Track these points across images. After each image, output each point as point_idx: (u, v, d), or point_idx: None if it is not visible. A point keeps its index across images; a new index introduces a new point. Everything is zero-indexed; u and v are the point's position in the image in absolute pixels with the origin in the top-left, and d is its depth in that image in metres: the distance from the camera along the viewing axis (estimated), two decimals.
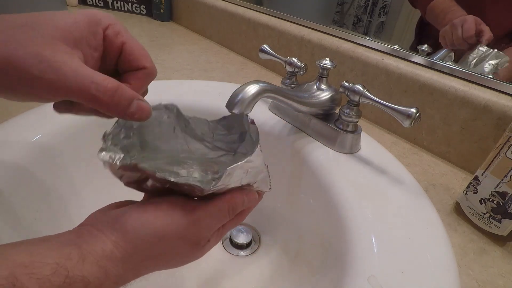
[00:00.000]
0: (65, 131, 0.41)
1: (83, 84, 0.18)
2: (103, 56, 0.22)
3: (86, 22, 0.20)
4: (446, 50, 0.48)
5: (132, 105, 0.20)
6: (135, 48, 0.22)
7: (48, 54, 0.17)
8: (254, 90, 0.31)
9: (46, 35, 0.18)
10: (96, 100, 0.18)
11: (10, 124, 0.38)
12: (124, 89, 0.19)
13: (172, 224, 0.21)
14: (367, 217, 0.31)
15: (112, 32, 0.21)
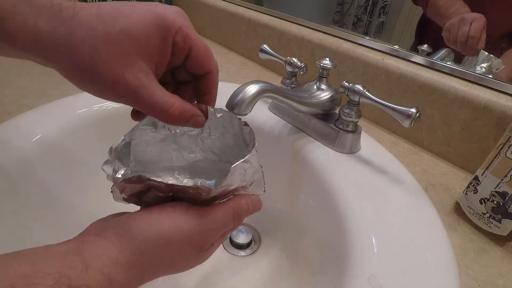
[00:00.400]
0: (65, 131, 0.41)
1: (155, 108, 0.21)
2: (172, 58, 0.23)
3: (157, 32, 0.21)
4: (446, 50, 0.48)
5: (190, 122, 0.23)
6: (201, 53, 0.23)
7: (130, 78, 0.20)
8: (254, 90, 0.31)
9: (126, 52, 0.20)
10: (163, 119, 0.22)
11: (10, 124, 0.39)
12: (185, 111, 0.22)
13: (178, 228, 0.21)
14: (367, 217, 0.31)
15: (181, 38, 0.22)
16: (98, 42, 0.19)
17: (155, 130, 0.27)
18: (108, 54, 0.19)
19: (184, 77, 0.26)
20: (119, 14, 0.20)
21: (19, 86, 0.50)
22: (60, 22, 0.19)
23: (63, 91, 0.50)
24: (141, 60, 0.20)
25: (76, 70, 0.20)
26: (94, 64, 0.19)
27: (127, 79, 0.20)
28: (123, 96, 0.21)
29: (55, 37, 0.19)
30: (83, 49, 0.19)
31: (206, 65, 0.24)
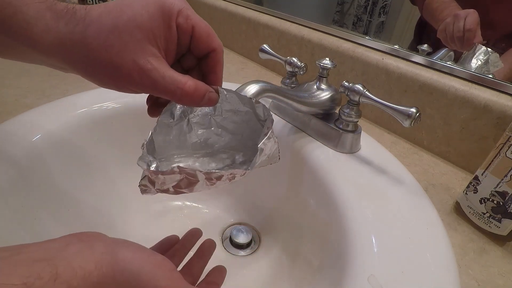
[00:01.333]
0: (65, 131, 0.41)
1: (170, 88, 0.22)
2: (178, 42, 0.24)
3: (160, 15, 0.22)
4: (446, 49, 0.48)
5: (205, 98, 0.23)
6: (203, 31, 0.24)
7: (142, 62, 0.21)
8: (254, 90, 0.31)
9: (135, 39, 0.21)
10: (179, 99, 0.23)
11: (10, 124, 0.39)
12: (199, 88, 0.23)
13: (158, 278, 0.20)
14: (367, 217, 0.31)
15: (183, 19, 0.23)
16: (108, 35, 0.20)
17: (173, 119, 0.28)
18: (119, 44, 0.21)
19: (190, 63, 0.26)
20: (123, 6, 0.21)
21: (19, 86, 0.50)
22: (75, 23, 0.21)
23: (63, 91, 0.50)
24: (149, 45, 0.21)
25: (94, 66, 0.21)
26: (108, 57, 0.21)
27: (140, 65, 0.21)
28: (139, 82, 0.22)
29: (72, 38, 0.21)
30: (97, 44, 0.20)
31: (209, 42, 0.24)
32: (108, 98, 0.46)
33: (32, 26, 0.20)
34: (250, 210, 0.49)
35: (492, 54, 0.44)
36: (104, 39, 0.21)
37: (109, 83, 0.22)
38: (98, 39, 0.21)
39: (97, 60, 0.21)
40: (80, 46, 0.21)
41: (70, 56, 0.21)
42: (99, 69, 0.21)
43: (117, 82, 0.22)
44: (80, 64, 0.22)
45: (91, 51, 0.21)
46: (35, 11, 0.20)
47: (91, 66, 0.21)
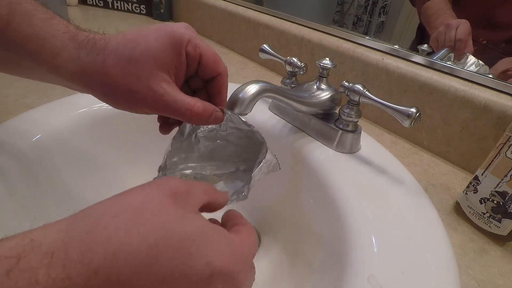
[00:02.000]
0: (65, 131, 0.41)
1: (180, 110, 0.24)
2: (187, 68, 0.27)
3: (171, 46, 0.24)
4: (446, 50, 0.48)
5: (212, 117, 0.26)
6: (210, 58, 0.27)
7: (155, 88, 0.24)
8: (254, 90, 0.31)
9: (149, 68, 0.24)
10: (189, 119, 0.25)
11: (10, 124, 0.38)
12: (207, 109, 0.26)
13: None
14: (367, 217, 0.31)
15: (191, 48, 0.25)
16: (126, 64, 0.23)
17: (183, 137, 0.30)
18: (136, 72, 0.23)
19: (198, 84, 0.29)
20: (138, 37, 0.24)
21: (19, 86, 0.50)
22: (96, 53, 0.23)
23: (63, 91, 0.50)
24: (162, 72, 0.24)
25: (112, 91, 0.24)
26: (126, 83, 0.23)
27: (154, 90, 0.24)
28: (153, 105, 0.24)
29: (93, 66, 0.23)
30: (116, 72, 0.23)
31: (216, 67, 0.27)
32: None
33: (58, 55, 0.23)
34: (250, 210, 0.49)
35: (482, 67, 0.44)
36: (122, 68, 0.23)
37: (125, 105, 0.25)
38: (116, 68, 0.23)
39: (115, 86, 0.24)
40: (100, 73, 0.23)
41: (91, 82, 0.24)
42: (117, 94, 0.24)
43: (133, 105, 0.25)
44: (99, 89, 0.24)
45: (110, 79, 0.23)
46: (61, 42, 0.23)
47: (110, 91, 0.24)
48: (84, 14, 0.98)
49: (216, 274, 0.17)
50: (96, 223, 0.16)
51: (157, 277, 0.16)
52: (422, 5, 0.52)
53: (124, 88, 0.24)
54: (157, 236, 0.16)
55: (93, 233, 0.15)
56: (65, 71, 0.24)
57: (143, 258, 0.15)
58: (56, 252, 0.14)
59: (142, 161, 0.48)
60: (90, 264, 0.14)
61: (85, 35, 0.24)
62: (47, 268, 0.14)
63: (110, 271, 0.15)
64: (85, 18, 0.94)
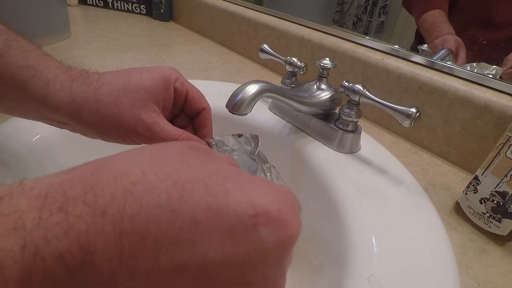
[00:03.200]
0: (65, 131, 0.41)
1: (167, 139, 0.25)
2: (173, 103, 0.28)
3: (161, 81, 0.26)
4: (446, 49, 0.48)
5: None
6: (196, 93, 0.29)
7: (145, 117, 0.25)
8: (254, 90, 0.31)
9: (141, 98, 0.25)
10: None
11: (10, 124, 0.38)
12: (191, 139, 0.26)
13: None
14: (367, 217, 0.31)
15: (179, 84, 0.28)
16: (120, 93, 0.24)
17: None
18: (128, 101, 0.24)
19: (182, 122, 0.30)
20: (132, 72, 0.26)
21: None
22: (89, 84, 0.24)
23: None
24: (152, 103, 0.26)
25: (103, 120, 0.24)
26: (117, 111, 0.24)
27: (144, 119, 0.25)
28: (142, 134, 0.25)
29: (85, 95, 0.24)
30: (108, 100, 0.24)
31: (201, 103, 0.29)
32: None
33: (49, 85, 0.24)
34: None
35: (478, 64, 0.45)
36: (116, 97, 0.24)
37: (114, 135, 0.25)
38: (109, 96, 0.24)
39: (106, 113, 0.24)
40: (91, 101, 0.24)
41: (79, 111, 0.24)
42: (107, 122, 0.24)
43: (123, 133, 0.25)
44: (88, 118, 0.24)
45: (102, 106, 0.24)
46: (54, 75, 0.24)
47: (100, 120, 0.24)
48: (84, 14, 0.98)
49: (261, 215, 0.13)
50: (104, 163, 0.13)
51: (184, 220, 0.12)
52: (420, 17, 0.52)
53: (115, 116, 0.24)
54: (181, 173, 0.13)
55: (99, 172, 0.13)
56: (53, 100, 0.24)
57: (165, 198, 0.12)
58: (51, 194, 0.11)
59: None
60: (94, 204, 0.11)
61: (78, 70, 0.25)
62: (38, 211, 0.11)
63: (121, 213, 0.11)
64: (85, 18, 0.94)
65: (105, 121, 0.24)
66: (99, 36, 0.78)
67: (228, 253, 0.13)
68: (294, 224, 0.15)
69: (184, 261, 0.12)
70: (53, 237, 0.10)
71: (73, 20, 0.84)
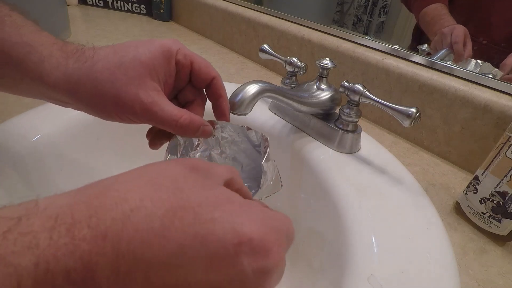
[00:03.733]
0: (65, 131, 0.41)
1: (167, 120, 0.24)
2: (177, 77, 0.27)
3: (161, 54, 0.24)
4: (446, 50, 0.48)
5: (199, 131, 0.25)
6: (202, 63, 0.27)
7: (143, 96, 0.23)
8: (254, 90, 0.31)
9: (138, 74, 0.23)
10: (175, 130, 0.25)
11: (10, 124, 0.38)
12: (194, 121, 0.25)
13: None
14: (367, 217, 0.31)
15: (181, 56, 0.26)
16: (115, 70, 0.23)
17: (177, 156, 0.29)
18: (124, 78, 0.23)
19: (188, 96, 0.28)
20: (129, 46, 0.24)
21: None
22: (84, 60, 0.23)
23: None
24: (151, 80, 0.24)
25: (99, 98, 0.23)
26: (113, 89, 0.23)
27: (141, 98, 0.23)
28: (140, 114, 0.23)
29: (80, 72, 0.23)
30: (104, 77, 0.23)
31: (209, 72, 0.27)
32: None
33: (44, 62, 0.23)
34: None
35: (483, 64, 0.44)
36: (111, 74, 0.23)
37: (111, 114, 0.24)
38: (105, 73, 0.23)
39: (103, 92, 0.23)
40: (87, 79, 0.23)
41: (76, 89, 0.23)
42: (104, 100, 0.23)
43: (120, 112, 0.24)
44: (85, 96, 0.23)
45: (98, 84, 0.23)
46: (48, 51, 0.23)
47: (96, 98, 0.23)
48: (84, 14, 0.98)
49: (244, 243, 0.14)
50: (107, 188, 0.15)
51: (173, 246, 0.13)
52: (419, 12, 0.52)
53: (112, 94, 0.23)
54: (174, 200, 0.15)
55: (103, 196, 0.14)
56: (50, 78, 0.23)
57: (158, 224, 0.14)
58: (61, 216, 0.13)
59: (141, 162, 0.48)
60: (97, 227, 0.13)
61: (74, 46, 0.24)
62: (49, 232, 0.12)
63: (119, 236, 0.13)
64: (85, 18, 0.94)
65: (102, 99, 0.23)
66: (99, 36, 0.78)
67: (211, 278, 0.14)
68: (275, 253, 0.15)
69: (172, 283, 0.14)
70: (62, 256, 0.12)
71: (73, 20, 0.84)
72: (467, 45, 0.46)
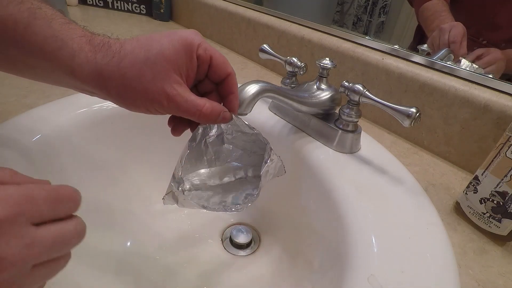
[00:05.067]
0: (65, 131, 0.41)
1: (190, 110, 0.26)
2: (197, 71, 0.28)
3: (183, 49, 0.26)
4: (446, 49, 0.48)
5: (219, 117, 0.28)
6: (220, 59, 0.28)
7: (168, 89, 0.25)
8: (254, 90, 0.31)
9: (163, 69, 0.25)
10: (198, 119, 0.27)
11: (10, 124, 0.38)
12: (215, 109, 0.27)
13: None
14: (367, 217, 0.31)
15: (202, 51, 0.27)
16: (141, 66, 0.25)
17: (195, 142, 0.31)
18: (151, 73, 0.25)
19: (207, 87, 0.30)
20: (152, 41, 0.25)
21: (19, 86, 0.50)
22: (112, 55, 0.25)
23: (63, 91, 0.50)
24: (174, 74, 0.25)
25: (129, 93, 0.25)
26: (141, 84, 0.25)
27: (167, 91, 0.25)
28: (166, 106, 0.25)
29: (109, 68, 0.24)
30: (131, 74, 0.24)
31: (226, 68, 0.29)
32: None
33: (75, 57, 0.24)
34: (250, 210, 0.49)
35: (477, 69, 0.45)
36: (138, 70, 0.24)
37: (141, 106, 0.26)
38: (132, 69, 0.24)
39: (131, 87, 0.25)
40: (116, 75, 0.24)
41: (106, 84, 0.25)
42: (132, 95, 0.25)
43: (148, 105, 0.26)
44: (115, 91, 0.25)
45: (126, 80, 0.24)
46: (78, 45, 0.24)
47: (126, 93, 0.25)
48: (84, 14, 0.98)
49: None
50: None
51: None
52: (420, 6, 0.52)
53: (139, 89, 0.25)
54: None
55: None
56: (81, 73, 0.24)
57: None
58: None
59: (142, 161, 0.48)
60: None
61: (100, 39, 0.25)
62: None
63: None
64: (85, 18, 0.94)
65: (130, 94, 0.25)
66: None
67: None
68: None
69: None
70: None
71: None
72: (463, 43, 0.46)
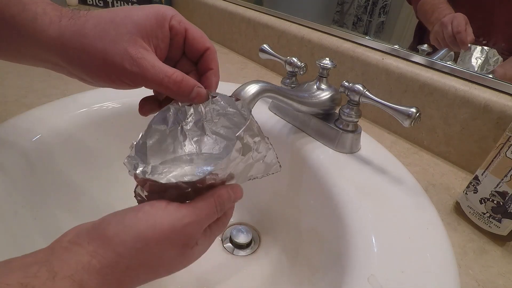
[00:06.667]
0: (65, 131, 0.41)
1: (158, 76, 0.23)
2: (171, 44, 0.26)
3: (154, 17, 0.24)
4: (446, 49, 0.48)
5: (193, 92, 0.25)
6: (196, 33, 0.26)
7: (132, 51, 0.23)
8: (254, 90, 0.31)
9: (129, 31, 0.23)
10: (167, 88, 0.24)
11: (10, 124, 0.38)
12: (187, 80, 0.24)
13: (156, 227, 0.20)
14: (367, 217, 0.31)
15: (176, 22, 0.25)
16: (105, 26, 0.23)
17: (167, 126, 0.27)
18: (114, 33, 0.23)
19: (185, 67, 0.28)
20: (123, 8, 0.24)
21: (19, 86, 0.50)
22: (77, 18, 0.23)
23: (63, 91, 0.50)
24: (142, 39, 0.23)
25: (87, 54, 0.23)
26: (101, 43, 0.22)
27: (130, 53, 0.23)
28: (130, 71, 0.23)
29: (72, 29, 0.23)
30: (93, 34, 0.23)
31: (203, 43, 0.27)
32: (108, 98, 0.46)
33: (37, 20, 0.22)
34: (250, 210, 0.49)
35: (489, 50, 0.44)
36: (101, 29, 0.23)
37: (100, 73, 0.23)
38: (94, 29, 0.23)
39: (91, 47, 0.22)
40: (77, 36, 0.23)
41: (67, 47, 0.23)
42: (91, 56, 0.23)
43: (109, 71, 0.23)
44: (75, 54, 0.23)
45: (86, 39, 0.22)
46: (42, 9, 0.23)
47: (84, 54, 0.23)
48: None
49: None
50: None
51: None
52: (418, 2, 0.52)
53: (100, 50, 0.22)
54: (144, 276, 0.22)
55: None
56: (42, 35, 0.23)
57: None
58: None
59: None
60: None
61: (68, 9, 0.24)
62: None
63: None
64: None
65: (90, 57, 0.23)
66: None
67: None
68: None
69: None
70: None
71: None
72: (468, 30, 0.45)
